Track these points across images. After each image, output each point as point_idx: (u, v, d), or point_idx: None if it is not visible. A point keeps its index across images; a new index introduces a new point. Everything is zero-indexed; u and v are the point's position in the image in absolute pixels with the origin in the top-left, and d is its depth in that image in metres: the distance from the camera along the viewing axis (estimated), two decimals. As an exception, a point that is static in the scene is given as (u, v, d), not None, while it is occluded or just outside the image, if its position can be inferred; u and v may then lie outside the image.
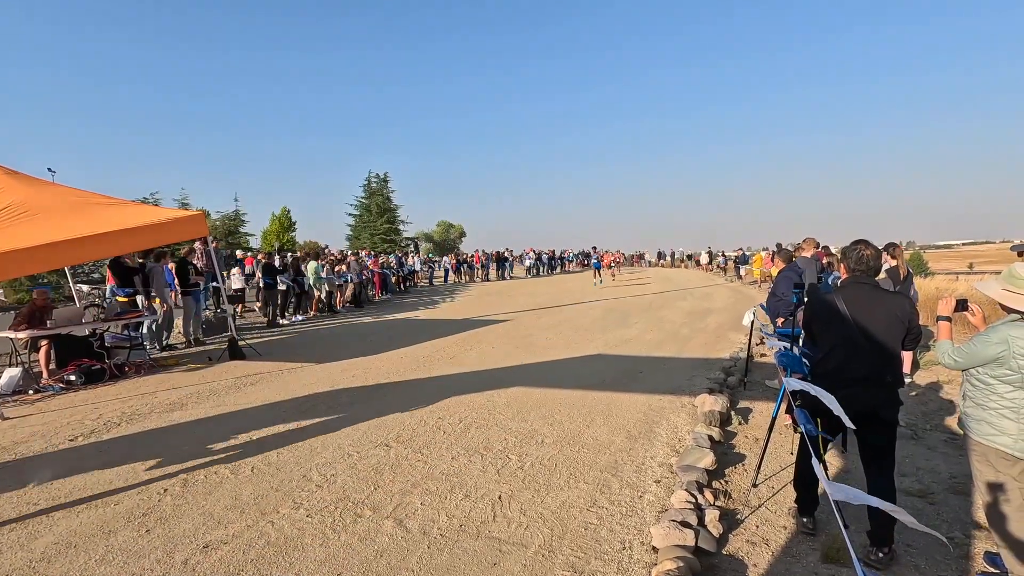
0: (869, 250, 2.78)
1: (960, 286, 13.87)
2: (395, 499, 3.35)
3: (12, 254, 5.10)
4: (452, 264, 26.73)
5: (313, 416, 5.07)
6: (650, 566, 2.60)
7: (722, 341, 8.78)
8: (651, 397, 5.50)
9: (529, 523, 3.05)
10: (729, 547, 2.84)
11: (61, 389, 6.42)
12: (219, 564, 2.68)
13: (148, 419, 5.15)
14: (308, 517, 3.14)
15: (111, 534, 2.99)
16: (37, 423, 5.12)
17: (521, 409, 5.17)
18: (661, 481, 3.55)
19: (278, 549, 2.81)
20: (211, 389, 6.26)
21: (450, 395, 5.70)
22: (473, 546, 2.82)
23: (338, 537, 2.92)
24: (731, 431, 4.59)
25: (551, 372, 6.75)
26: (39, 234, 5.56)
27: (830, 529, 2.97)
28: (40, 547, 2.88)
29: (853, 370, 2.66)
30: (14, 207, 5.97)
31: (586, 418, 4.87)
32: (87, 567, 2.68)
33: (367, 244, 36.69)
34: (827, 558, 2.70)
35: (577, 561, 2.67)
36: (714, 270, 31.50)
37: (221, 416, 5.19)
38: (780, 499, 3.34)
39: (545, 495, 3.38)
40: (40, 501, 3.42)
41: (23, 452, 4.33)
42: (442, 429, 4.64)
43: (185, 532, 2.99)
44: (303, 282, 13.22)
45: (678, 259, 43.38)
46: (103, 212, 6.58)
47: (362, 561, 2.69)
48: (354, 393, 5.91)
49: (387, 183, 42.89)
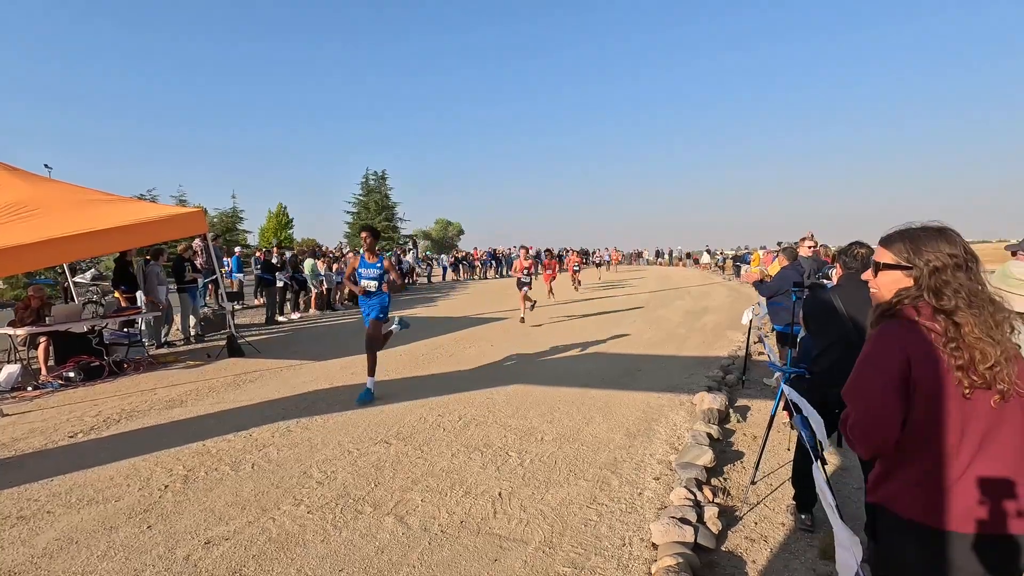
0: (864, 249, 2.86)
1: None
2: (396, 496, 3.37)
3: (11, 251, 5.10)
4: (450, 262, 26.78)
5: (313, 413, 5.08)
6: (650, 562, 2.62)
7: (720, 340, 8.81)
8: (650, 395, 5.53)
9: (529, 520, 3.06)
10: (728, 544, 2.86)
11: (60, 386, 6.41)
12: (221, 560, 2.69)
13: (148, 416, 5.16)
14: (309, 513, 3.15)
15: (112, 530, 3.00)
16: (36, 419, 5.12)
17: (520, 406, 5.19)
18: (660, 478, 3.57)
19: (280, 545, 2.82)
20: (210, 386, 6.26)
21: (449, 392, 5.71)
22: (474, 542, 2.84)
23: (339, 533, 2.93)
24: (729, 429, 4.61)
25: (550, 370, 6.77)
26: (38, 231, 5.55)
27: (828, 526, 2.99)
28: (42, 543, 2.89)
29: (848, 367, 2.68)
30: (13, 203, 5.96)
31: (585, 416, 4.89)
32: (89, 563, 2.69)
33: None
34: (825, 555, 2.72)
35: (577, 557, 2.69)
36: (712, 269, 31.58)
37: (221, 413, 5.20)
38: (778, 496, 3.36)
39: (545, 492, 3.40)
40: (41, 497, 3.42)
41: (23, 448, 4.33)
42: (442, 426, 4.65)
43: (187, 528, 3.00)
44: (301, 279, 13.22)
45: (676, 258, 43.48)
46: (102, 209, 6.58)
47: (363, 557, 2.70)
48: (353, 390, 5.91)
49: (385, 180, 42.81)
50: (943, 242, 1.37)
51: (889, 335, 1.37)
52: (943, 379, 1.28)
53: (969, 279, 1.34)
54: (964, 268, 1.34)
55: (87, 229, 5.78)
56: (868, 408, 1.37)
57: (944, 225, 1.42)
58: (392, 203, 42.66)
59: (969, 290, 1.32)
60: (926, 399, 1.30)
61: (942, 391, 1.28)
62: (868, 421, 1.37)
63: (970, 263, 1.35)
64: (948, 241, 1.37)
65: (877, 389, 1.35)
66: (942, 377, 1.28)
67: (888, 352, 1.35)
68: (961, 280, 1.33)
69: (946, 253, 1.35)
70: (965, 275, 1.34)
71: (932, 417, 1.30)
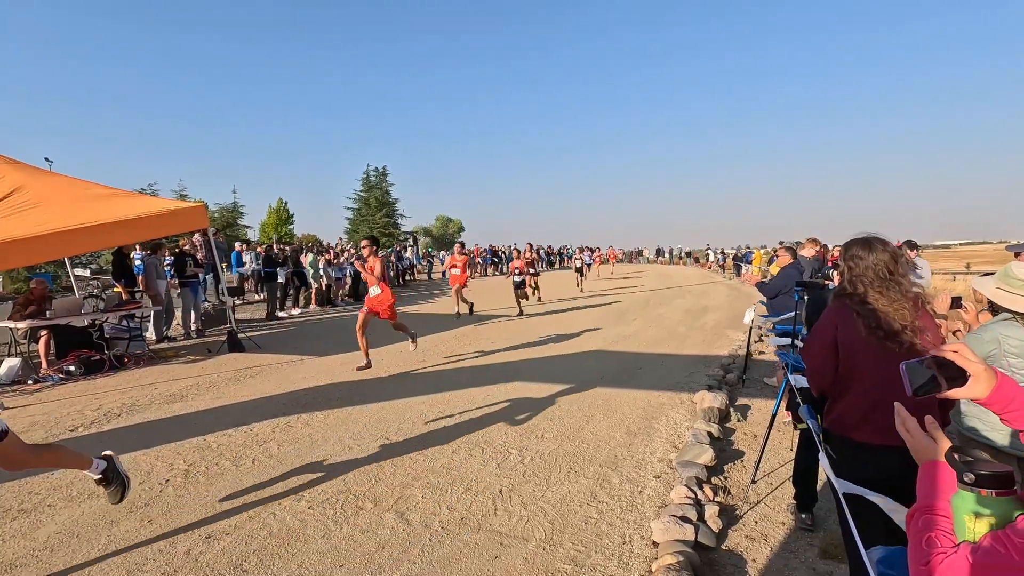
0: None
1: (958, 286, 13.94)
2: (396, 492, 3.37)
3: (11, 244, 5.09)
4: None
5: (313, 409, 5.08)
6: (650, 560, 2.62)
7: (721, 339, 8.81)
8: (650, 393, 5.53)
9: (530, 517, 3.06)
10: (728, 542, 2.87)
11: (60, 379, 6.42)
12: (222, 554, 2.70)
13: (148, 410, 5.16)
14: (310, 509, 3.15)
15: (113, 524, 3.00)
16: (37, 413, 5.12)
17: (521, 404, 5.19)
18: (661, 477, 3.57)
19: (280, 540, 2.82)
20: (211, 381, 6.27)
21: (449, 389, 5.71)
22: (474, 539, 2.84)
23: (340, 529, 2.93)
24: (730, 428, 4.61)
25: (550, 367, 6.77)
26: (39, 224, 5.54)
27: (828, 525, 3.00)
28: (43, 536, 2.89)
29: None
30: (14, 197, 5.95)
31: (586, 413, 4.89)
32: (90, 556, 2.69)
33: (366, 237, 36.58)
34: (825, 554, 2.73)
35: (578, 555, 2.69)
36: (712, 267, 31.59)
37: (222, 408, 5.20)
38: (779, 495, 3.37)
39: (545, 489, 3.41)
40: (42, 491, 3.43)
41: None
42: (442, 423, 4.65)
43: (187, 523, 3.01)
44: (303, 273, 13.21)
45: (676, 256, 43.46)
46: (103, 203, 6.56)
47: (364, 553, 2.71)
48: (354, 386, 5.91)
49: (386, 176, 42.72)
50: (862, 248, 1.99)
51: (828, 313, 2.05)
52: (856, 338, 1.91)
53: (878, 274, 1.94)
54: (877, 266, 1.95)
55: (88, 223, 5.77)
56: (812, 362, 2.05)
57: (871, 235, 2.03)
58: (393, 199, 42.61)
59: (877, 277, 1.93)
60: (847, 353, 1.94)
61: (856, 347, 1.91)
62: (810, 370, 2.06)
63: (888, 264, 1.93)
64: (867, 247, 1.98)
65: (816, 349, 2.02)
66: (855, 337, 1.91)
67: (825, 324, 2.02)
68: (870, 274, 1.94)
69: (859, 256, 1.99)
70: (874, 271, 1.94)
71: (850, 365, 1.93)
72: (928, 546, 0.90)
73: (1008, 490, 0.85)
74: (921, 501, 1.01)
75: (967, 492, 0.88)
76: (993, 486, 0.85)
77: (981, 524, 0.85)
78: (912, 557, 0.92)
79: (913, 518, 0.99)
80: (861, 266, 1.96)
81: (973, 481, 0.87)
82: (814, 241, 6.20)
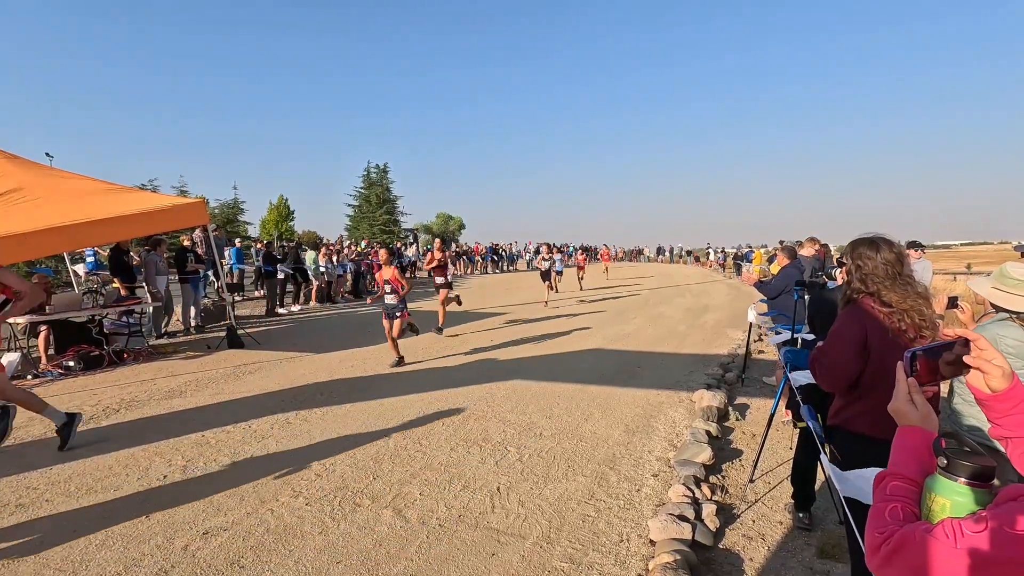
0: None
1: (958, 287, 13.93)
2: (394, 489, 3.37)
3: (11, 239, 5.08)
4: (451, 256, 26.75)
5: (311, 405, 5.08)
6: (647, 559, 2.62)
7: (720, 338, 8.80)
8: (649, 392, 5.52)
9: (527, 515, 3.06)
10: (726, 541, 2.87)
11: (60, 375, 6.42)
12: (219, 550, 2.70)
13: (147, 406, 5.16)
14: (307, 505, 3.15)
15: (111, 519, 3.00)
16: (36, 408, 5.11)
17: (519, 402, 5.19)
18: (658, 475, 3.57)
19: (277, 537, 2.82)
20: (210, 377, 6.27)
21: (448, 386, 5.71)
22: (472, 536, 2.84)
23: (337, 526, 2.93)
24: (728, 427, 4.61)
25: (549, 366, 6.77)
26: (38, 219, 5.53)
27: (826, 525, 3.00)
28: (40, 531, 2.89)
29: None
30: (13, 192, 5.93)
31: (584, 412, 4.89)
32: (87, 552, 2.69)
33: (366, 234, 36.60)
34: (823, 553, 2.73)
35: (575, 553, 2.69)
36: (713, 267, 31.58)
37: (220, 404, 5.20)
38: (777, 495, 3.37)
39: (543, 487, 3.40)
40: (40, 486, 3.43)
41: (22, 437, 4.33)
42: (440, 420, 4.65)
43: (185, 519, 3.01)
44: (304, 270, 13.20)
45: (677, 256, 43.44)
46: (103, 198, 6.54)
47: (361, 550, 2.71)
48: (352, 383, 5.92)
49: (386, 173, 42.67)
50: (869, 247, 2.02)
51: (853, 312, 2.02)
52: (886, 339, 1.91)
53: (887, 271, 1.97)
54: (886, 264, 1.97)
55: (88, 218, 5.75)
56: (836, 362, 2.01)
57: (876, 235, 2.07)
58: (393, 196, 42.57)
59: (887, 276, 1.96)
60: (878, 354, 1.93)
61: (886, 347, 1.90)
62: (835, 371, 2.02)
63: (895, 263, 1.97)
64: (874, 247, 2.01)
65: (843, 348, 1.99)
66: (886, 337, 1.92)
67: (851, 323, 2.00)
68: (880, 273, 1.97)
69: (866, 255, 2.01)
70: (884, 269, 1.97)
71: (878, 368, 1.92)
72: (890, 516, 0.91)
73: (981, 483, 0.85)
74: (891, 468, 1.01)
75: (940, 475, 0.89)
76: (964, 475, 0.86)
77: (943, 507, 0.86)
78: (871, 522, 0.93)
79: (882, 483, 0.99)
80: (870, 265, 1.98)
81: (945, 466, 0.88)
82: (813, 240, 6.18)
